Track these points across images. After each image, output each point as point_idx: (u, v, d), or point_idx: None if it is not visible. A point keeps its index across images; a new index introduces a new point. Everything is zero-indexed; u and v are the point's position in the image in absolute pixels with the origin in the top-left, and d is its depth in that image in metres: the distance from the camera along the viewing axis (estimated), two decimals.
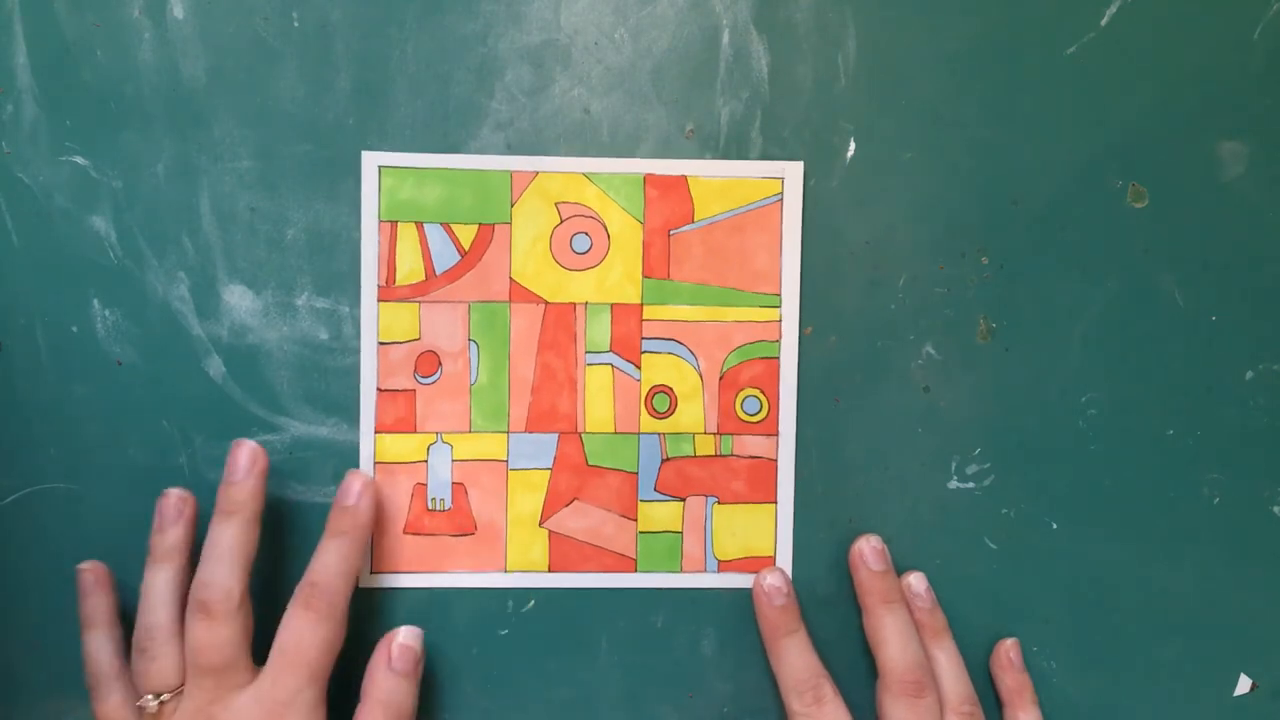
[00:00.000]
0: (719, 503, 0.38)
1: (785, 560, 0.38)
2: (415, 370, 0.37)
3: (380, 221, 0.37)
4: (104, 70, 0.36)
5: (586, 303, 0.38)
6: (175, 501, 0.35)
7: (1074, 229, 0.38)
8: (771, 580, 0.37)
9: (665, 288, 0.38)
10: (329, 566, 0.34)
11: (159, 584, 0.34)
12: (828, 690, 0.36)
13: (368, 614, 0.38)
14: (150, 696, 0.33)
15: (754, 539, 0.38)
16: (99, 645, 0.35)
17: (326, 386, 0.37)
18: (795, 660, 0.36)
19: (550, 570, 0.38)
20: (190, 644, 0.33)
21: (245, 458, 0.35)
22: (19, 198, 0.36)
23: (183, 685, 0.34)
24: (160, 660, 0.33)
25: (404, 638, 0.36)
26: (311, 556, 0.35)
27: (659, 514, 0.38)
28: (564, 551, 0.38)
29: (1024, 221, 0.38)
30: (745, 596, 0.38)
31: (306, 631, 0.33)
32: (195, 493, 0.37)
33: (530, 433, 0.38)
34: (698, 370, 0.38)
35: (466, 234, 0.37)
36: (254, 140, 0.37)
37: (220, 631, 0.33)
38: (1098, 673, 0.39)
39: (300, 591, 0.34)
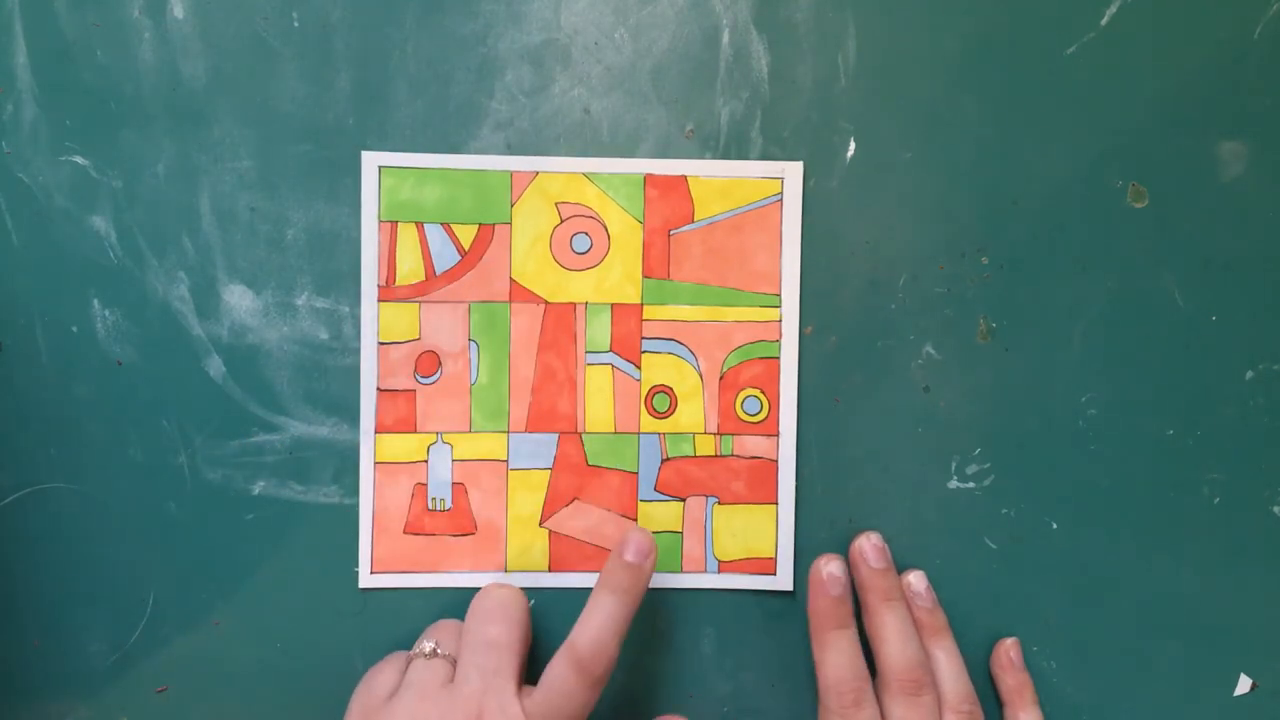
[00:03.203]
0: (719, 503, 0.38)
1: (786, 560, 0.38)
2: (415, 370, 0.37)
3: (380, 221, 0.37)
4: (104, 70, 0.36)
5: (586, 303, 0.38)
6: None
7: (1074, 229, 0.38)
8: (831, 569, 0.37)
9: (665, 288, 0.38)
10: (604, 628, 0.34)
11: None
12: (868, 695, 0.35)
13: (368, 614, 0.38)
14: (433, 644, 0.35)
15: (754, 539, 0.38)
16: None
17: (326, 386, 0.37)
18: (842, 657, 0.36)
19: (550, 570, 0.38)
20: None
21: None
22: (19, 198, 0.36)
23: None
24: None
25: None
26: (585, 609, 0.34)
27: (659, 514, 0.38)
28: (564, 551, 0.38)
29: (1024, 221, 0.38)
30: (745, 596, 0.38)
31: (574, 694, 0.33)
32: (195, 492, 0.37)
33: (530, 433, 0.38)
34: (698, 370, 0.38)
35: (466, 234, 0.37)
36: (254, 140, 0.37)
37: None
38: (1098, 673, 0.39)
39: (571, 649, 0.34)
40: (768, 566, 0.38)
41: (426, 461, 0.38)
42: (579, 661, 0.33)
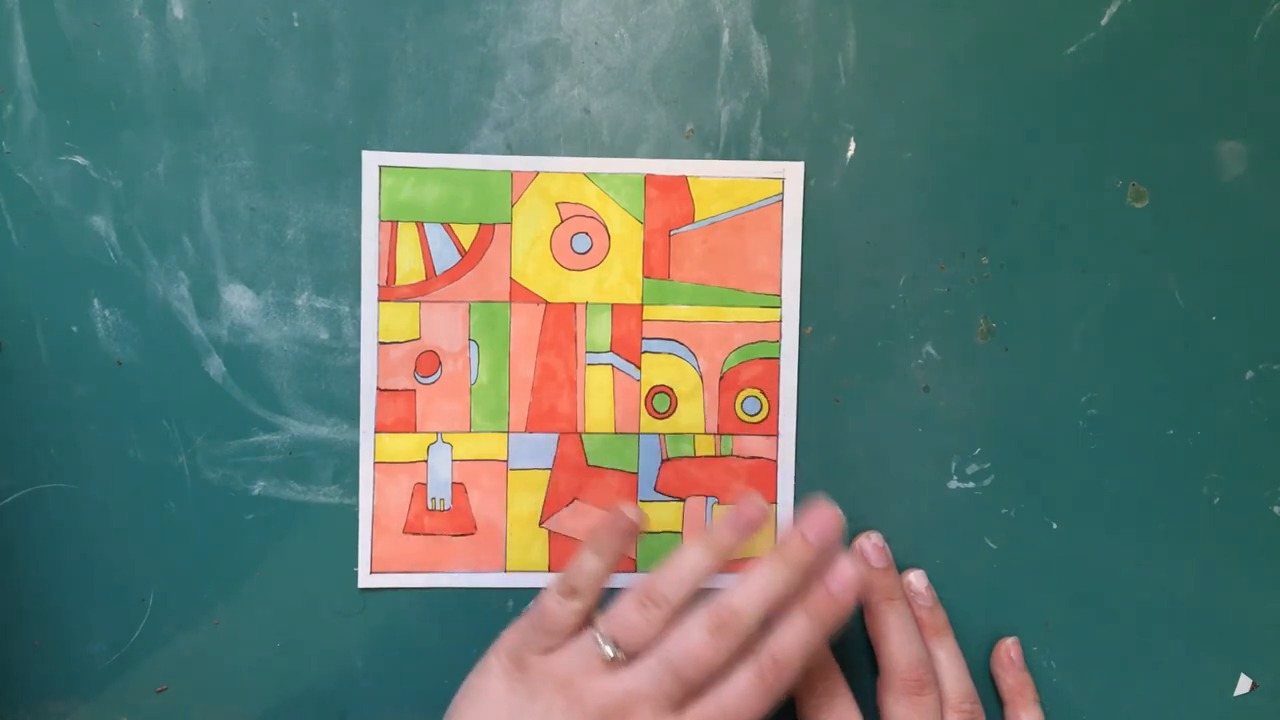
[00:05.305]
0: (719, 503, 0.38)
1: None
2: (415, 370, 0.38)
3: (380, 221, 0.37)
4: (104, 70, 0.36)
5: (587, 303, 0.38)
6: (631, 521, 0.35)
7: (1074, 229, 0.38)
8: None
9: (665, 288, 0.38)
10: (793, 647, 0.33)
11: (701, 566, 0.34)
12: (840, 685, 0.36)
13: (368, 614, 0.38)
14: (613, 645, 0.33)
15: (754, 539, 0.38)
16: (598, 569, 0.34)
17: (326, 386, 0.37)
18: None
19: (550, 570, 0.38)
20: (679, 645, 0.33)
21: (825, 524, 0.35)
22: (19, 198, 0.36)
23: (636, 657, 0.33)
24: (651, 626, 0.33)
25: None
26: (780, 626, 0.34)
27: (659, 514, 0.38)
28: (564, 551, 0.38)
29: (1024, 221, 0.38)
30: None
31: (753, 700, 0.33)
32: (195, 492, 0.37)
33: (530, 433, 0.38)
34: (698, 370, 0.38)
35: (467, 234, 0.37)
36: (254, 140, 0.37)
37: (718, 651, 0.33)
38: (1098, 673, 0.39)
39: (762, 658, 0.33)
40: None
41: (426, 461, 0.38)
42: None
